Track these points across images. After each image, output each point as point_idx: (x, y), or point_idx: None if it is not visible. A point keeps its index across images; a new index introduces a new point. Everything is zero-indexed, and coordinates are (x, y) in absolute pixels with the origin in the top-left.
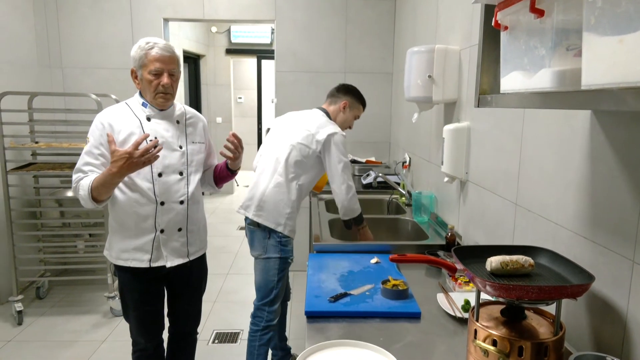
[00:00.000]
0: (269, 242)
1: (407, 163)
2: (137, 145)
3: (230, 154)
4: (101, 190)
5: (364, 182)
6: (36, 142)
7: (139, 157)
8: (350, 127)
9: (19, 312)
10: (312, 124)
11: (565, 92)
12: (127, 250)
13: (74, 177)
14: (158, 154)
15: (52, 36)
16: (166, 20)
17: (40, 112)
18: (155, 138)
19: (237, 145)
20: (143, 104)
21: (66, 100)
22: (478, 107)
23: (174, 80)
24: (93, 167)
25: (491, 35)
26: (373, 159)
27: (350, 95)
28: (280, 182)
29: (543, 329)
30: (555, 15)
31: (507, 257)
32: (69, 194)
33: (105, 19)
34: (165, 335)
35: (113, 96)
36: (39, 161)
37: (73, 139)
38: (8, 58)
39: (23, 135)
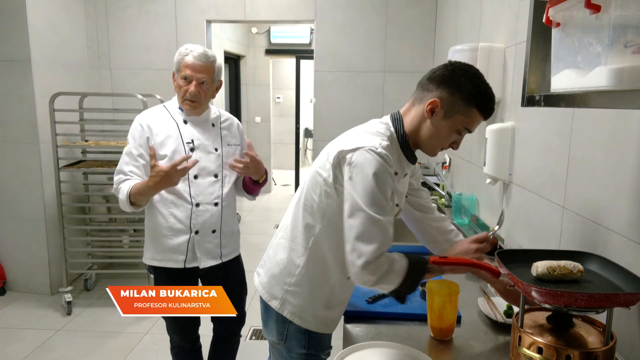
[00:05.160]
0: (285, 326)
1: (447, 164)
2: (175, 166)
3: (238, 168)
4: (139, 198)
5: None
6: (86, 141)
7: (174, 173)
8: (450, 147)
9: (69, 303)
10: (345, 138)
11: (623, 91)
12: (163, 251)
13: (116, 178)
14: (194, 159)
15: (101, 38)
16: (209, 22)
17: (90, 111)
18: (193, 158)
19: (246, 162)
20: (180, 108)
21: (114, 100)
22: (525, 106)
23: (204, 89)
24: (133, 168)
25: (540, 32)
26: None
27: (447, 87)
28: (286, 230)
29: (592, 338)
30: (612, 11)
31: (554, 262)
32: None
33: (151, 21)
34: (208, 334)
35: (158, 96)
36: (88, 159)
37: (120, 137)
38: (62, 60)
39: (74, 134)
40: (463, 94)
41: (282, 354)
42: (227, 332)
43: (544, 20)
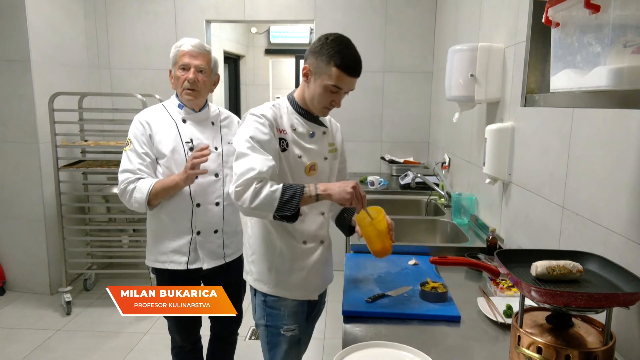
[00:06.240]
0: (254, 299)
1: (447, 164)
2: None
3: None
4: (159, 196)
5: (402, 182)
6: (85, 141)
7: (192, 168)
8: (333, 106)
9: (68, 303)
10: None
11: (622, 90)
12: (165, 252)
13: (122, 177)
14: (205, 153)
15: (101, 38)
16: (208, 21)
17: (90, 111)
18: (208, 148)
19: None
20: (179, 106)
21: (113, 100)
22: (525, 106)
23: (202, 77)
24: (141, 166)
25: (540, 32)
26: (411, 159)
27: (313, 55)
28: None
29: (591, 337)
30: (612, 11)
31: (553, 262)
32: (115, 190)
33: (150, 21)
34: (207, 333)
35: (157, 96)
36: (87, 159)
37: (120, 137)
38: (61, 60)
39: (73, 134)
40: (323, 57)
41: (259, 331)
42: (225, 331)
43: (543, 20)
